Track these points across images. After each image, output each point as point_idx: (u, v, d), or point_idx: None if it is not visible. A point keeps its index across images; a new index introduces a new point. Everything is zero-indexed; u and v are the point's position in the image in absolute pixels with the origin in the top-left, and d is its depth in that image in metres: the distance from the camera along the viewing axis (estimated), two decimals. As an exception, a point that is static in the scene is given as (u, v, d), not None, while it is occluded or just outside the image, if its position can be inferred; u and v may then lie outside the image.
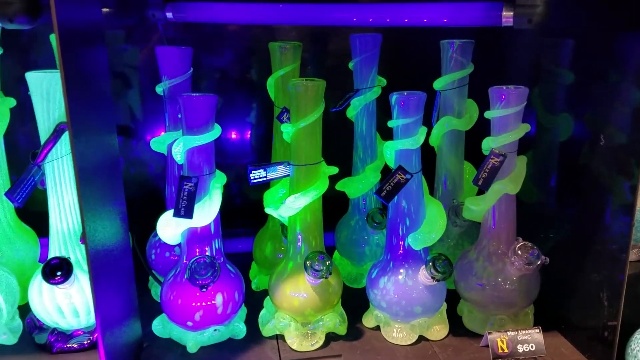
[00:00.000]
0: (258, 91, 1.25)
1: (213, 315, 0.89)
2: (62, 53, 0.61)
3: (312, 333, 0.93)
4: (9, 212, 1.04)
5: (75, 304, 0.88)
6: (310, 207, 0.90)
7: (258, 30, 1.22)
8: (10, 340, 0.92)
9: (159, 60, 1.01)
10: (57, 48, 0.61)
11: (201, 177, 0.88)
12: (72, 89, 0.65)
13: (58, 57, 0.62)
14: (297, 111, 0.88)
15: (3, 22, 0.71)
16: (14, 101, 1.02)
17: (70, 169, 0.88)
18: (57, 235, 0.89)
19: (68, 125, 0.64)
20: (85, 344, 0.90)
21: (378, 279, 0.94)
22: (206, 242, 0.91)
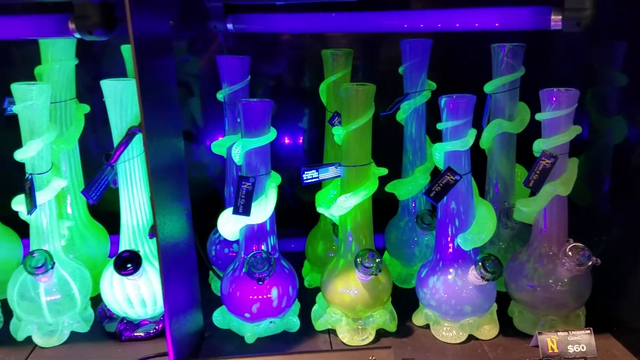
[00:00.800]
0: (310, 96, 1.29)
1: (269, 308, 0.94)
2: (137, 62, 0.68)
3: (362, 328, 0.96)
4: (83, 210, 1.13)
5: (143, 295, 0.95)
6: (360, 206, 0.94)
7: (311, 38, 1.27)
8: (83, 328, 1.00)
9: (219, 69, 1.08)
10: (133, 58, 0.68)
11: (258, 177, 0.93)
12: (146, 95, 0.71)
13: (133, 66, 0.68)
14: (348, 114, 0.92)
15: (82, 34, 0.79)
16: (88, 107, 1.11)
17: (140, 169, 0.96)
18: (128, 230, 0.96)
19: (142, 128, 0.71)
20: (151, 332, 0.97)
21: (427, 278, 0.96)
22: (262, 239, 0.96)
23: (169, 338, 0.77)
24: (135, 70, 0.68)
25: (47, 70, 1.03)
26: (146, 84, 0.72)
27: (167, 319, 0.77)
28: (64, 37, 0.86)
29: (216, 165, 1.32)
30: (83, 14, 0.77)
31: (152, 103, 0.75)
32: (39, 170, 0.93)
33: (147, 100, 0.72)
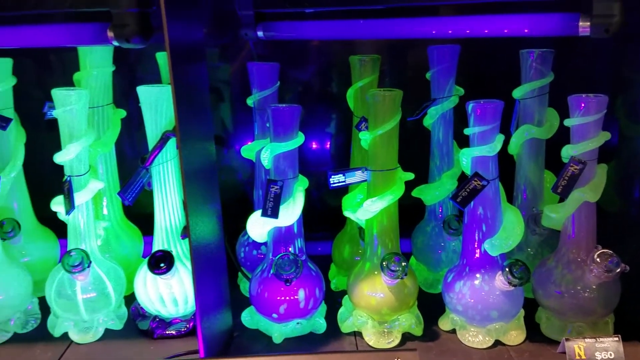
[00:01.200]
0: (337, 102, 1.31)
1: (296, 309, 0.96)
2: (173, 69, 0.71)
3: (388, 332, 0.97)
4: (118, 211, 1.17)
5: (175, 294, 0.97)
6: (386, 210, 0.95)
7: (338, 44, 1.29)
8: (117, 326, 1.03)
9: (250, 75, 1.11)
10: (169, 64, 0.71)
11: (286, 181, 0.95)
12: (180, 100, 0.74)
13: (169, 72, 0.71)
14: (375, 119, 0.93)
15: (120, 42, 0.82)
16: (124, 112, 1.15)
17: (173, 172, 0.99)
18: (161, 231, 1.00)
19: (177, 132, 0.74)
20: (182, 331, 1.00)
21: (454, 283, 0.96)
22: (290, 241, 0.98)
23: (200, 336, 0.80)
24: (171, 76, 0.71)
25: (85, 76, 1.08)
26: (181, 89, 0.75)
27: (198, 317, 0.80)
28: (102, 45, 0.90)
29: (245, 169, 1.35)
30: (121, 23, 0.80)
31: (186, 108, 0.78)
32: (77, 173, 0.97)
33: (181, 105, 0.75)
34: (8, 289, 0.98)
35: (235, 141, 1.35)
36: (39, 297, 1.07)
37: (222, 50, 1.29)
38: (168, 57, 0.70)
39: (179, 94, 0.73)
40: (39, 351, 0.97)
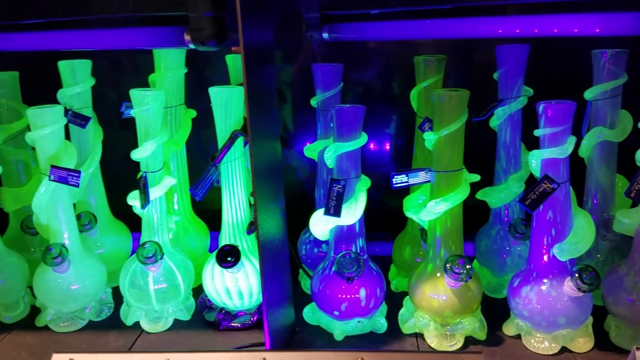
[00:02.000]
0: (399, 102, 1.31)
1: (357, 307, 0.97)
2: (246, 70, 0.73)
3: (451, 335, 0.96)
4: (187, 207, 1.22)
5: (241, 287, 1.01)
6: (450, 212, 0.94)
7: (401, 45, 1.29)
8: (185, 316, 1.08)
9: (314, 76, 1.12)
10: (243, 66, 0.74)
11: (348, 180, 0.96)
12: (252, 101, 0.77)
13: (243, 74, 0.74)
14: (440, 120, 0.93)
15: (196, 44, 0.86)
16: (194, 112, 1.20)
17: (241, 170, 1.02)
18: (228, 226, 1.03)
19: (248, 131, 0.76)
20: (247, 323, 1.03)
21: (520, 287, 0.94)
22: (351, 240, 0.99)
23: (266, 328, 0.82)
24: (244, 77, 0.74)
25: (160, 78, 1.13)
26: (253, 90, 0.77)
27: (265, 310, 0.82)
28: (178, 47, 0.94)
29: (305, 168, 1.37)
30: (197, 27, 0.84)
31: (257, 108, 0.81)
32: (152, 169, 1.02)
33: (253, 105, 0.77)
34: (85, 278, 1.04)
35: (298, 141, 1.38)
36: (112, 287, 1.14)
37: (286, 52, 1.31)
38: (242, 59, 0.73)
39: (251, 94, 0.76)
40: (113, 338, 1.02)
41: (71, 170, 0.98)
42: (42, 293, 1.04)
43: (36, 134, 0.98)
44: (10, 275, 1.07)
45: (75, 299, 1.04)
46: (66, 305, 1.04)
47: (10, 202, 1.16)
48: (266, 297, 0.82)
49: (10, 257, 1.09)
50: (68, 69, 1.12)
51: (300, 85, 1.34)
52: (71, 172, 0.98)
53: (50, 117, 0.98)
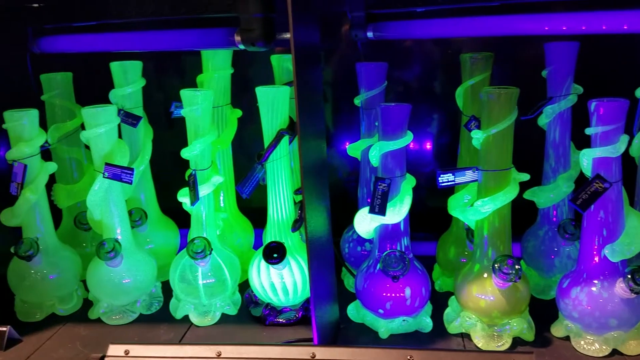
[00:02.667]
0: (444, 101, 1.30)
1: (402, 306, 0.97)
2: (297, 70, 0.75)
3: (498, 335, 0.95)
4: (233, 204, 1.24)
5: (286, 283, 1.02)
6: (498, 212, 0.93)
7: (444, 42, 1.28)
8: (232, 311, 1.10)
9: (358, 75, 1.13)
10: (293, 66, 0.75)
11: (393, 179, 0.96)
12: (301, 100, 0.78)
13: (293, 73, 0.75)
14: (489, 118, 0.92)
15: (246, 45, 0.88)
16: (240, 112, 1.22)
17: (286, 168, 1.04)
18: (273, 223, 1.05)
19: (297, 130, 0.77)
20: (292, 319, 1.05)
21: (570, 289, 0.93)
22: (396, 239, 0.99)
23: (314, 324, 0.83)
24: (295, 77, 0.75)
25: (207, 78, 1.16)
26: (302, 89, 0.78)
27: (312, 305, 0.83)
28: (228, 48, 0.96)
29: (345, 167, 1.38)
30: (248, 28, 0.86)
31: (305, 107, 0.82)
32: (201, 167, 1.04)
33: (302, 104, 0.78)
34: (136, 272, 1.08)
35: (338, 140, 1.38)
36: (161, 281, 1.17)
37: (328, 52, 1.32)
38: (293, 59, 0.74)
39: (300, 94, 0.77)
40: (163, 331, 1.05)
41: (124, 168, 1.02)
42: (95, 286, 1.08)
43: (91, 132, 1.02)
44: (64, 269, 1.11)
45: (127, 293, 1.07)
46: (118, 298, 1.08)
47: (63, 198, 1.21)
48: (314, 293, 0.83)
49: (65, 252, 1.13)
50: (120, 69, 1.15)
51: (341, 84, 1.35)
52: (125, 169, 1.02)
53: (105, 117, 1.02)
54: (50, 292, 1.10)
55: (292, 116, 1.03)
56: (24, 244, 1.05)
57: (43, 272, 1.08)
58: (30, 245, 1.05)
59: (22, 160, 1.04)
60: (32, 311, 1.11)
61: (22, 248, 1.05)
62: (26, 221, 1.07)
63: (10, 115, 1.04)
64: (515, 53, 1.24)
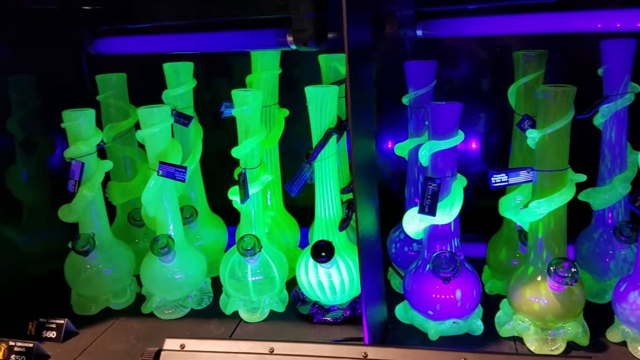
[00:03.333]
0: (492, 99, 1.28)
1: (452, 308, 0.96)
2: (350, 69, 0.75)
3: (552, 339, 0.93)
4: (279, 203, 1.26)
5: (334, 282, 1.02)
6: (554, 213, 0.91)
7: (495, 40, 1.26)
8: (280, 308, 1.11)
9: (407, 73, 1.12)
10: (347, 66, 0.75)
11: (444, 179, 0.95)
12: (354, 99, 0.78)
13: (346, 73, 0.75)
14: (545, 117, 0.90)
15: (298, 45, 0.89)
16: (287, 111, 1.23)
17: (334, 167, 1.04)
18: (321, 222, 1.05)
19: (350, 129, 0.78)
20: (339, 318, 1.05)
21: (627, 293, 0.90)
22: (446, 240, 0.98)
23: (365, 323, 0.83)
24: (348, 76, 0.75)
25: (256, 78, 1.17)
26: (355, 89, 0.78)
27: (363, 305, 0.83)
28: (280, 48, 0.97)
29: (394, 166, 1.37)
30: (300, 28, 0.86)
31: (357, 107, 0.82)
32: (250, 166, 1.06)
33: (355, 104, 0.79)
34: (187, 268, 1.10)
35: (384, 139, 1.38)
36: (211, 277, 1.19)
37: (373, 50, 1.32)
38: (346, 58, 0.74)
39: (353, 93, 0.77)
40: (213, 326, 1.07)
41: (178, 166, 1.04)
42: (148, 281, 1.11)
43: (146, 132, 1.05)
44: (118, 264, 1.15)
45: (179, 288, 1.10)
46: (170, 293, 1.11)
47: (117, 195, 1.25)
48: (364, 292, 0.83)
49: (119, 247, 1.17)
50: (172, 70, 1.18)
51: (386, 83, 1.34)
52: (178, 167, 1.04)
53: (159, 117, 1.05)
54: (105, 287, 1.14)
55: (340, 115, 1.03)
56: (80, 239, 1.09)
57: (98, 267, 1.12)
58: (87, 240, 1.09)
59: (80, 158, 1.08)
60: (87, 305, 1.15)
61: (79, 243, 1.09)
62: (83, 217, 1.11)
63: (68, 114, 1.08)
64: (569, 50, 1.21)
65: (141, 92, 1.27)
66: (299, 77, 1.37)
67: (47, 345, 1.02)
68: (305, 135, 1.33)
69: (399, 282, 1.16)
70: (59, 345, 1.03)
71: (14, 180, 1.21)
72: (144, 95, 1.25)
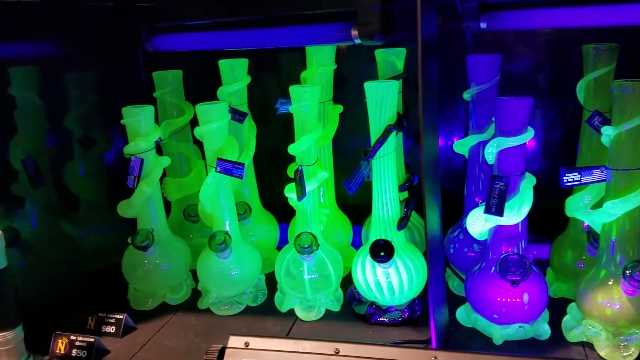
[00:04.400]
0: (559, 95, 1.23)
1: (519, 312, 0.92)
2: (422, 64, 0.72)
3: (625, 345, 0.88)
4: (332, 201, 1.24)
5: (392, 282, 1.00)
6: (629, 214, 0.87)
7: (562, 32, 1.21)
8: (335, 307, 1.09)
9: (469, 68, 1.08)
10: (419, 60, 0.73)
11: (512, 177, 0.92)
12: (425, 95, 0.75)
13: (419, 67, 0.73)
14: (621, 113, 0.85)
15: (363, 39, 0.86)
16: (341, 107, 1.21)
17: (392, 165, 1.01)
18: (379, 221, 1.03)
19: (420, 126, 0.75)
20: (397, 319, 1.03)
21: None
22: (513, 241, 0.94)
23: (432, 326, 0.81)
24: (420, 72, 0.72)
25: (311, 74, 1.16)
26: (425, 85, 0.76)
27: (431, 308, 0.81)
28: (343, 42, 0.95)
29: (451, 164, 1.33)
30: (365, 21, 0.84)
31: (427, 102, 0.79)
32: (307, 163, 1.05)
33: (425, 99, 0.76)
34: (243, 264, 1.10)
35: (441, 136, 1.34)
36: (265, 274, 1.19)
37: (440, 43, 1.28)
38: (419, 52, 0.72)
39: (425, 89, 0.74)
40: (270, 324, 1.07)
41: (236, 163, 1.04)
42: (205, 277, 1.11)
43: (204, 128, 1.05)
44: (175, 259, 1.15)
45: (235, 284, 1.10)
46: (226, 289, 1.11)
47: (173, 191, 1.26)
48: (432, 294, 0.81)
49: (176, 243, 1.17)
50: (228, 67, 1.18)
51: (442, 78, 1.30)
52: (236, 164, 1.04)
53: (217, 113, 1.05)
54: (162, 282, 1.15)
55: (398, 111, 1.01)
56: (139, 234, 1.10)
57: (156, 262, 1.13)
58: (146, 236, 1.10)
59: (139, 154, 1.08)
60: (144, 299, 1.16)
61: (138, 238, 1.10)
62: (141, 213, 1.12)
63: (128, 111, 1.08)
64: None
65: (195, 89, 1.28)
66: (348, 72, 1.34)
67: (107, 340, 1.03)
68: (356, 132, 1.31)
69: (457, 283, 1.13)
70: (118, 340, 1.04)
71: (71, 175, 1.23)
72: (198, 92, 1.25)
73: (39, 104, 1.12)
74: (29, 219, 1.11)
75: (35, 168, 1.10)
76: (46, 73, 1.12)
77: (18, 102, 1.07)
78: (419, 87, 0.74)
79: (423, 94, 0.74)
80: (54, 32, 1.15)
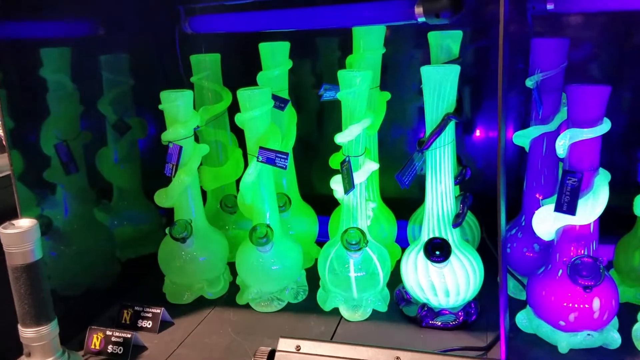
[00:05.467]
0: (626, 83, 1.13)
1: (588, 319, 0.85)
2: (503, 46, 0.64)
3: None
4: (377, 194, 1.17)
5: (447, 284, 0.93)
6: None
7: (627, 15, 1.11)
8: (382, 308, 1.03)
9: (532, 53, 1.00)
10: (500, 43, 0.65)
11: (585, 173, 0.84)
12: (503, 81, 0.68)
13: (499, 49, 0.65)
14: None
15: (428, 17, 0.79)
16: (389, 94, 1.14)
17: (449, 157, 0.94)
18: (432, 217, 0.96)
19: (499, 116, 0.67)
20: (450, 323, 0.96)
21: None
22: (583, 242, 0.86)
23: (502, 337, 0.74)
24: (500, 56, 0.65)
25: (357, 59, 1.08)
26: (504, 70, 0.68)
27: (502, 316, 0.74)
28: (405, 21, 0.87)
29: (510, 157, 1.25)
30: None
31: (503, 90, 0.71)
32: (354, 153, 0.98)
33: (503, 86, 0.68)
34: (284, 259, 1.04)
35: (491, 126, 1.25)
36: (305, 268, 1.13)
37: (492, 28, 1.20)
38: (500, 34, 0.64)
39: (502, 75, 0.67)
40: (313, 323, 1.01)
41: (279, 152, 0.98)
42: (244, 271, 1.05)
43: (246, 115, 0.98)
44: (213, 251, 1.10)
45: (276, 279, 1.04)
46: (267, 284, 1.05)
47: (209, 181, 1.20)
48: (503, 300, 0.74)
49: (214, 234, 1.12)
50: (268, 51, 1.11)
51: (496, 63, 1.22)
52: (279, 153, 0.97)
53: (260, 99, 0.98)
54: (199, 274, 1.09)
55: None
56: (178, 225, 1.05)
57: (193, 254, 1.07)
58: (185, 227, 1.04)
59: (178, 141, 1.03)
60: (181, 293, 1.11)
61: (176, 229, 1.04)
62: (179, 203, 1.06)
63: (167, 95, 1.02)
64: None
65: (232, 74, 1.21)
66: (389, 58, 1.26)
67: (143, 335, 0.98)
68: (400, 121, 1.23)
69: (512, 285, 1.05)
70: (155, 335, 1.00)
71: (105, 162, 1.18)
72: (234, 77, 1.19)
73: (72, 87, 1.06)
74: (61, 206, 1.07)
75: (68, 153, 1.05)
76: (79, 55, 1.07)
77: (50, 84, 1.02)
78: (499, 73, 0.66)
79: (503, 78, 0.66)
80: (87, 12, 1.10)
